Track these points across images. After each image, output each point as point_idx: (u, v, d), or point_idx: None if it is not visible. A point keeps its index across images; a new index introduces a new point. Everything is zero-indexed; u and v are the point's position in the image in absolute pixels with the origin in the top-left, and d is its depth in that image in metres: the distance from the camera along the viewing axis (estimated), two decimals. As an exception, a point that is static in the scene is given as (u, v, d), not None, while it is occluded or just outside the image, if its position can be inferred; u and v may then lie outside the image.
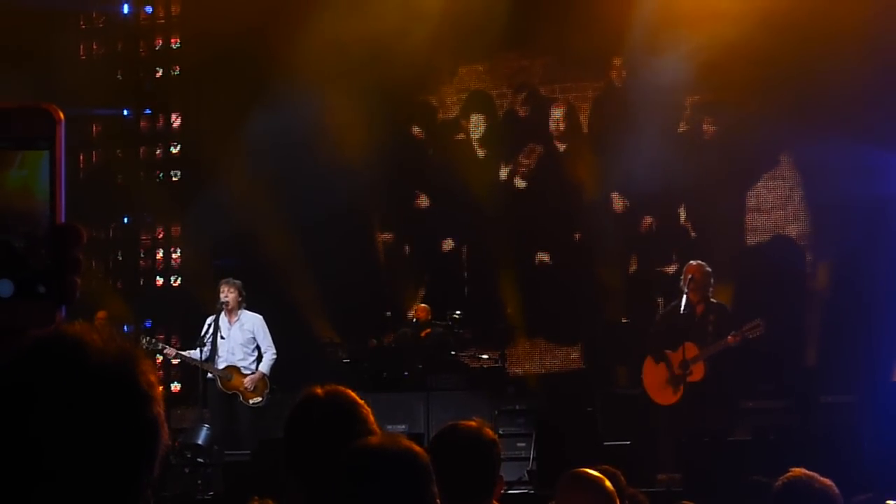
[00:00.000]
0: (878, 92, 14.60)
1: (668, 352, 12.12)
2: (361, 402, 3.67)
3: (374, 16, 15.76)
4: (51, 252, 1.67)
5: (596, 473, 5.33)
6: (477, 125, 17.16)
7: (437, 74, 17.16)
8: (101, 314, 15.84)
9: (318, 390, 3.69)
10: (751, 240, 15.95)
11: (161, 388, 1.71)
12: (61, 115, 1.69)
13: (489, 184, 16.58)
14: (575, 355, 16.46)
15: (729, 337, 11.93)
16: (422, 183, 17.07)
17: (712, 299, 12.34)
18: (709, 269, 12.37)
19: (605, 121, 16.49)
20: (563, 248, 16.62)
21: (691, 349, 11.99)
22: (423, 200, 17.10)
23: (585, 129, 16.69)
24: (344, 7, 16.05)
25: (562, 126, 16.81)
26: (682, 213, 16.08)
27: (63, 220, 1.68)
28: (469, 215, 16.78)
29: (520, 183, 16.88)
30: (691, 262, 12.63)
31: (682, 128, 16.19)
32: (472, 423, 4.23)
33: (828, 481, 5.11)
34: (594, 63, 16.47)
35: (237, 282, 13.35)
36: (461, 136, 17.17)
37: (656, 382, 12.26)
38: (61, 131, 1.69)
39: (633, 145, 15.46)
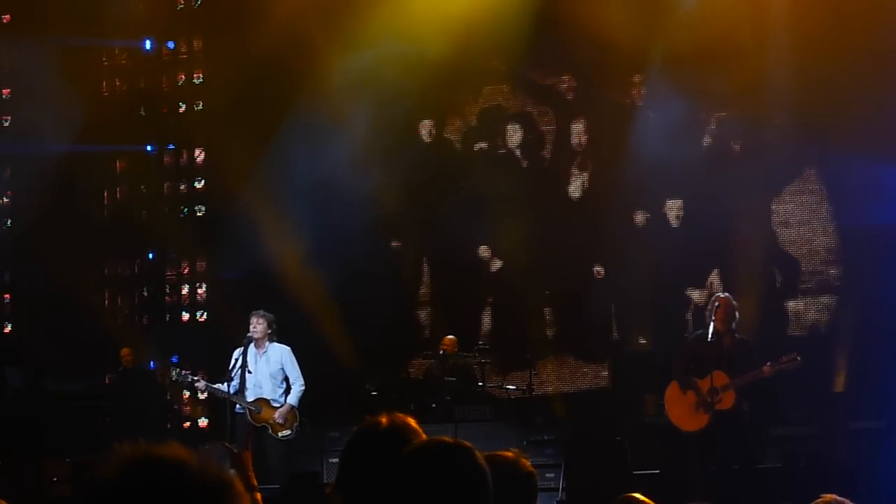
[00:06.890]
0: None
1: (696, 379, 12.04)
2: (422, 433, 3.62)
3: (394, 50, 15.83)
4: None
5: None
6: (507, 138, 17.21)
7: (461, 96, 17.20)
8: (125, 350, 15.90)
9: (383, 419, 3.65)
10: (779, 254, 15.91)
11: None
12: None
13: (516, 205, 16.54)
14: (603, 374, 16.37)
15: (765, 367, 11.87)
16: (449, 212, 17.02)
17: (736, 334, 12.28)
18: (735, 302, 12.33)
19: (627, 138, 16.43)
20: (589, 268, 16.57)
21: (721, 377, 11.90)
22: (452, 230, 17.06)
23: (607, 145, 16.65)
24: (367, 39, 16.12)
25: (584, 143, 16.82)
26: (707, 231, 16.00)
27: None
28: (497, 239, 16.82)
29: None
30: (720, 293, 12.59)
31: (707, 142, 16.15)
32: (509, 454, 4.14)
33: (858, 508, 5.05)
34: (616, 81, 16.48)
35: (268, 314, 13.28)
36: (484, 147, 17.24)
37: (682, 409, 12.15)
38: None
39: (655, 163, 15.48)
